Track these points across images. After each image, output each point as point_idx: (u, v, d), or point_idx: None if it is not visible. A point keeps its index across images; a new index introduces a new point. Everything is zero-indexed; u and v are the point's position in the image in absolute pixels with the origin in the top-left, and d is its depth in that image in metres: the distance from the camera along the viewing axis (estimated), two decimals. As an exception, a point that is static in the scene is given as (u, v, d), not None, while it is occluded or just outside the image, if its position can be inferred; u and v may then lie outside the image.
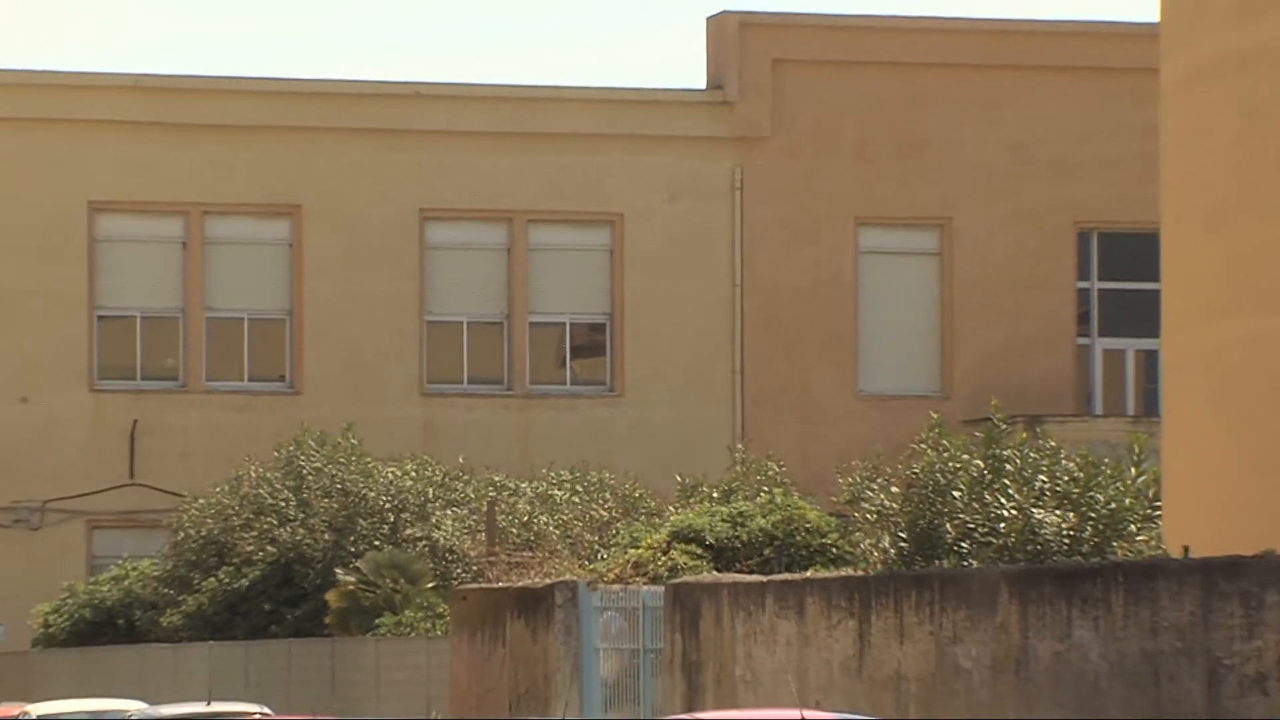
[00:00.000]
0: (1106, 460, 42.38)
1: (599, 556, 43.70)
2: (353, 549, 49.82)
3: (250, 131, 61.25)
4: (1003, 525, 40.69)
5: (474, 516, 48.62)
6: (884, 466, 45.02)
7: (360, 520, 51.05)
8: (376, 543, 49.72)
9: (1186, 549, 28.58)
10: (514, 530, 46.81)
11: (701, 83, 62.93)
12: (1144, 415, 52.46)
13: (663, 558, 40.47)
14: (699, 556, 40.63)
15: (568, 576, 38.26)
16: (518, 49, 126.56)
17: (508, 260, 62.34)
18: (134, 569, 55.83)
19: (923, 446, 43.44)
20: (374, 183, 61.12)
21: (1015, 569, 31.99)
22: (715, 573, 37.12)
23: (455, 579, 44.57)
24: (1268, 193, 30.27)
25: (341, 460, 52.90)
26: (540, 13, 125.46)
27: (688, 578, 36.01)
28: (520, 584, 38.81)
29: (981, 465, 41.85)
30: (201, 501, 54.09)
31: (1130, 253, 58.49)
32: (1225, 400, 31.12)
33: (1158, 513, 35.50)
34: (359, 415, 56.32)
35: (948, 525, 40.96)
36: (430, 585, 46.14)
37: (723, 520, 42.79)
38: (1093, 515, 40.98)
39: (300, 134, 61.32)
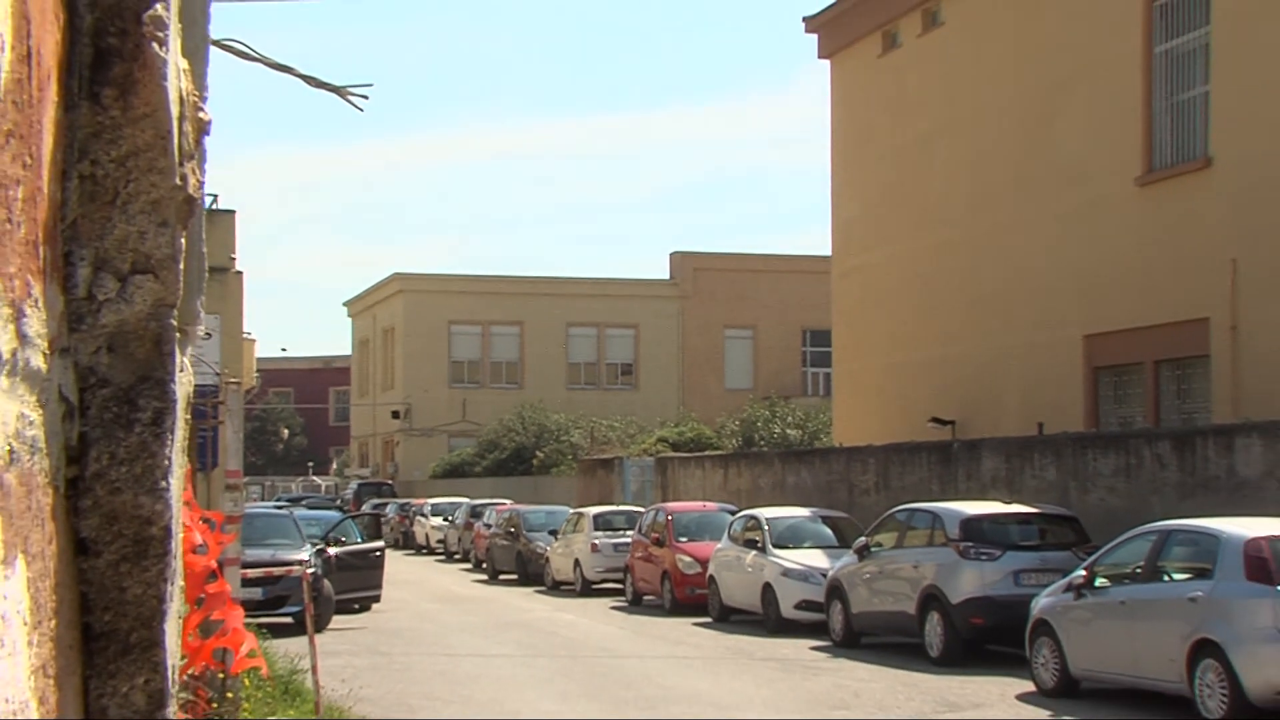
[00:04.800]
0: (814, 411, 41.71)
1: (631, 447, 43.04)
2: (542, 445, 49.06)
3: (504, 295, 60.08)
4: (775, 436, 40.04)
5: (587, 433, 47.92)
6: (733, 415, 44.48)
7: (545, 434, 50.24)
8: (551, 443, 48.94)
9: (842, 443, 27.90)
10: (601, 437, 46.10)
11: (666, 276, 62.09)
12: (826, 395, 51.55)
13: (655, 447, 39.87)
14: (668, 447, 40.01)
15: (620, 455, 37.63)
16: (592, 257, 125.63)
17: (597, 342, 61.33)
18: (465, 450, 55.00)
19: (746, 408, 42.86)
20: (548, 315, 60.01)
21: (780, 451, 31.38)
22: (674, 452, 36.56)
23: (580, 454, 43.84)
24: (873, 318, 29.64)
25: (537, 412, 52.05)
26: (602, 234, 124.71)
27: (664, 454, 35.38)
28: (602, 457, 38.16)
29: (769, 413, 41.23)
30: (487, 427, 53.32)
31: (823, 337, 57.50)
32: (857, 391, 30.47)
33: (831, 430, 34.92)
34: (544, 397, 55.56)
35: (755, 436, 40.31)
36: (571, 457, 45.46)
37: (676, 434, 42.17)
38: (809, 432, 40.36)
39: (518, 297, 60.13)
